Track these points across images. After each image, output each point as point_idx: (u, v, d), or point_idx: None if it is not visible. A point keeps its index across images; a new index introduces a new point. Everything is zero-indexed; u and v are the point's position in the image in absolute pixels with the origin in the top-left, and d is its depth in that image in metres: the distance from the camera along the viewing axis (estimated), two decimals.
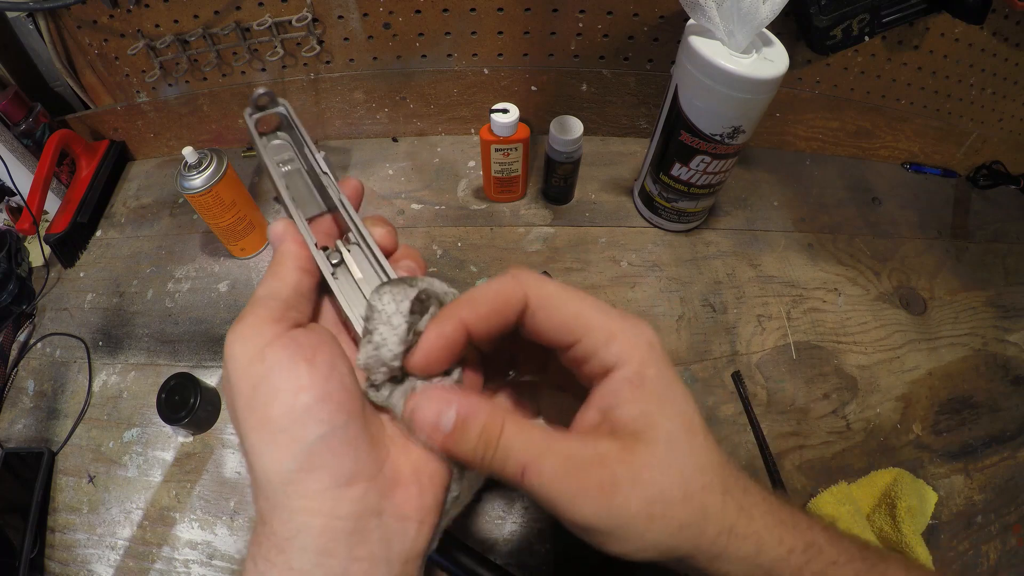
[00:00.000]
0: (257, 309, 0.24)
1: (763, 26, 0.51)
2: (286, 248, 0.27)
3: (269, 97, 0.32)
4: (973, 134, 0.82)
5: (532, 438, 0.23)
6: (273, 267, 0.27)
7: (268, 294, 0.25)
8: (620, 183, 0.77)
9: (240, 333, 0.23)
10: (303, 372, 0.22)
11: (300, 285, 0.26)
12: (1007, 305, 0.72)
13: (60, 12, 0.66)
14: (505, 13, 0.68)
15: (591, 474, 0.22)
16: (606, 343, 0.24)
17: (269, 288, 0.26)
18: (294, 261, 0.27)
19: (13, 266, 0.67)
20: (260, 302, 0.25)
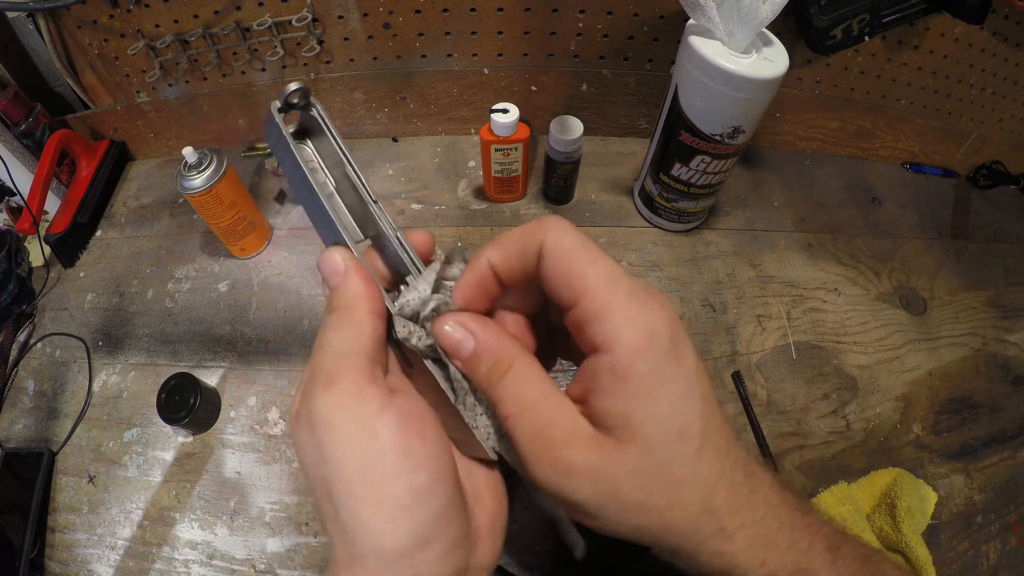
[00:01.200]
0: (349, 370, 0.22)
1: (763, 26, 0.51)
2: (355, 287, 0.24)
3: (303, 95, 0.27)
4: (973, 134, 0.82)
5: (528, 389, 0.23)
6: (344, 312, 0.24)
7: (352, 349, 0.23)
8: (620, 183, 0.77)
9: (340, 402, 0.22)
10: (418, 449, 0.22)
11: (378, 333, 0.24)
12: (1007, 305, 0.72)
13: (60, 12, 0.66)
14: (505, 13, 0.68)
15: (553, 450, 0.22)
16: (599, 316, 0.22)
17: (350, 340, 0.23)
18: (367, 304, 0.24)
19: (13, 266, 0.67)
20: (347, 360, 0.22)
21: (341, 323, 0.24)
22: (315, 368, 0.23)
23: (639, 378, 0.21)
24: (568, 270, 0.22)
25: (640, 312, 0.22)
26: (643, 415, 0.21)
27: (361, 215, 0.28)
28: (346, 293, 0.24)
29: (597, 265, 0.22)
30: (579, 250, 0.23)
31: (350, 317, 0.24)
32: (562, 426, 0.22)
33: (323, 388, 0.22)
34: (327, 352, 0.23)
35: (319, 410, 0.22)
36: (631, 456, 0.21)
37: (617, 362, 0.21)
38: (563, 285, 0.23)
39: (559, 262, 0.23)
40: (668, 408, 0.21)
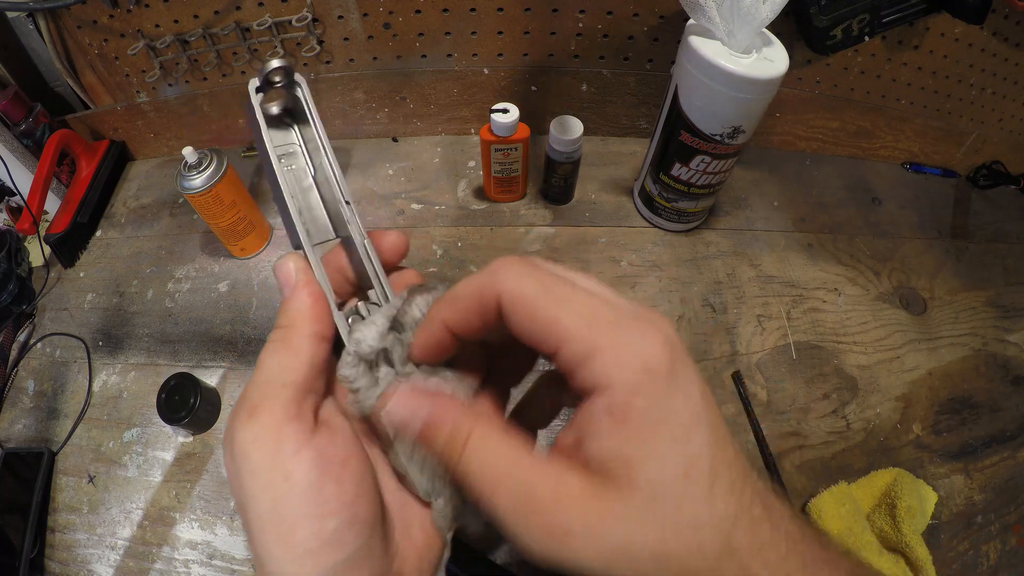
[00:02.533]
0: (272, 404, 0.21)
1: (763, 26, 0.51)
2: (300, 306, 0.23)
3: (285, 73, 0.24)
4: (973, 134, 0.82)
5: (494, 459, 0.20)
6: (285, 332, 0.23)
7: (281, 378, 0.22)
8: (620, 183, 0.77)
9: (258, 438, 0.21)
10: (331, 495, 0.21)
11: (317, 359, 0.23)
12: (1007, 305, 0.72)
13: (60, 12, 0.66)
14: (505, 13, 0.68)
15: (543, 515, 0.19)
16: (585, 360, 0.19)
17: (282, 366, 0.22)
18: (311, 326, 0.23)
19: (13, 266, 0.67)
20: (274, 391, 0.21)
21: (279, 347, 0.23)
22: (244, 394, 0.22)
23: (638, 417, 0.19)
24: (536, 321, 0.20)
25: (631, 344, 0.19)
26: (646, 454, 0.19)
27: (336, 211, 0.27)
28: (290, 312, 0.23)
29: (568, 306, 0.20)
30: (542, 296, 0.20)
31: (289, 340, 0.23)
32: (547, 486, 0.19)
33: (245, 418, 0.21)
34: (257, 378, 0.22)
35: (238, 441, 0.21)
36: (636, 503, 0.19)
37: (614, 403, 0.19)
38: (537, 337, 0.21)
39: (524, 315, 0.21)
40: (671, 445, 0.19)
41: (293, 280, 0.24)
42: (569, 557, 0.19)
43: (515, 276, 0.21)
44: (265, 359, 0.23)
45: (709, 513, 0.19)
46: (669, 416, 0.19)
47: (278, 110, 0.26)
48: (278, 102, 0.26)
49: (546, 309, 0.20)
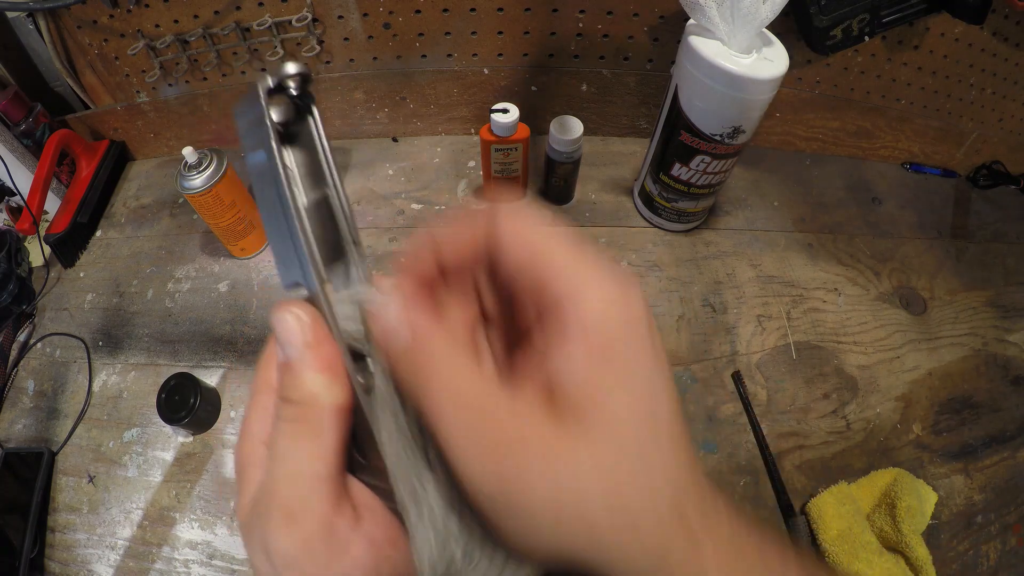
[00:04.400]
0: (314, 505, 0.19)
1: (763, 26, 0.51)
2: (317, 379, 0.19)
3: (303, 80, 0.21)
4: (973, 134, 0.82)
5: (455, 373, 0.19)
6: (302, 411, 0.19)
7: (315, 472, 0.19)
8: (620, 183, 0.77)
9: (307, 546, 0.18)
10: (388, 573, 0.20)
11: (345, 438, 0.20)
12: (1007, 305, 0.72)
13: (60, 12, 0.66)
14: (505, 13, 0.68)
15: (497, 431, 0.17)
16: (574, 293, 0.18)
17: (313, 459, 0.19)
18: (333, 400, 0.19)
19: (13, 266, 0.67)
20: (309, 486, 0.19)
21: (299, 431, 0.19)
22: (272, 491, 0.19)
23: (613, 350, 0.18)
24: (529, 249, 0.20)
25: (613, 293, 0.19)
26: (617, 385, 0.18)
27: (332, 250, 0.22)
28: (304, 386, 0.19)
29: (562, 243, 0.20)
30: (539, 227, 0.20)
31: (310, 422, 0.19)
32: (515, 425, 0.18)
33: (284, 524, 0.18)
34: (284, 472, 0.19)
35: (281, 551, 0.18)
36: (598, 444, 0.17)
37: (594, 337, 0.18)
38: (524, 268, 0.20)
39: (519, 240, 0.20)
40: (641, 384, 0.18)
41: (299, 340, 0.20)
42: (516, 499, 0.17)
43: (514, 208, 0.20)
44: (285, 446, 0.20)
45: (666, 470, 0.18)
46: (644, 362, 0.18)
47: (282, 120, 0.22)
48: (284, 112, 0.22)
49: (542, 240, 0.20)
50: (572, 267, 0.19)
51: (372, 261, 0.69)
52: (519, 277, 0.20)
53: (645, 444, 0.18)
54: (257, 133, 0.20)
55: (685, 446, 0.19)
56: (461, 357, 0.19)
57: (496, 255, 0.20)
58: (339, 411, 0.20)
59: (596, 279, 0.19)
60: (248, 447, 0.22)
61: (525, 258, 0.20)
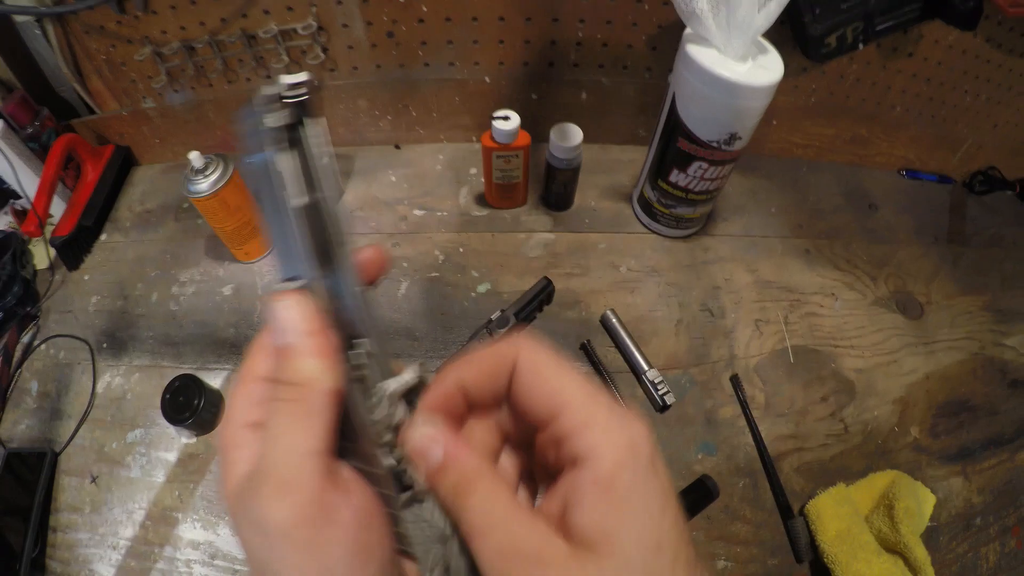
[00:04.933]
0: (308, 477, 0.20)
1: (758, 34, 0.52)
2: (315, 363, 0.22)
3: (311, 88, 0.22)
4: (968, 140, 0.83)
5: (496, 506, 0.22)
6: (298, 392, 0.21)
7: (309, 447, 0.21)
8: (619, 190, 0.78)
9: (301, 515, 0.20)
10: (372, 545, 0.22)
11: (336, 418, 0.22)
12: (1003, 309, 0.73)
13: (68, 17, 0.67)
14: (506, 23, 0.69)
15: (524, 568, 0.20)
16: (581, 429, 0.21)
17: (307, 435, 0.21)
18: (326, 385, 0.22)
19: (18, 268, 0.68)
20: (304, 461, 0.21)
21: (295, 410, 0.21)
22: (266, 466, 0.21)
23: (622, 490, 0.21)
24: (546, 384, 0.22)
25: (621, 425, 0.22)
26: (625, 527, 0.20)
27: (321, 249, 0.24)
28: (302, 370, 0.21)
29: (575, 381, 0.22)
30: (555, 366, 0.23)
31: (307, 404, 0.21)
32: (534, 544, 0.21)
33: (278, 495, 0.20)
34: (280, 448, 0.21)
35: (276, 520, 0.20)
36: (610, 571, 0.20)
37: (601, 473, 0.21)
38: (540, 400, 0.23)
39: (536, 377, 0.23)
40: (649, 520, 0.21)
41: (299, 327, 0.22)
42: None
43: (532, 346, 0.23)
44: (281, 424, 0.21)
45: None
46: (648, 494, 0.21)
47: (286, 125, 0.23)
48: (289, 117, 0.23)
49: (556, 377, 0.22)
50: (583, 406, 0.22)
51: None
52: (534, 410, 0.23)
53: (652, 570, 0.20)
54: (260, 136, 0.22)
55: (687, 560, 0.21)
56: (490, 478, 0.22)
57: (514, 387, 0.23)
58: (333, 394, 0.22)
59: (604, 420, 0.22)
60: (232, 430, 0.23)
61: (542, 391, 0.23)
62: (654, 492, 0.21)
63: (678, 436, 0.59)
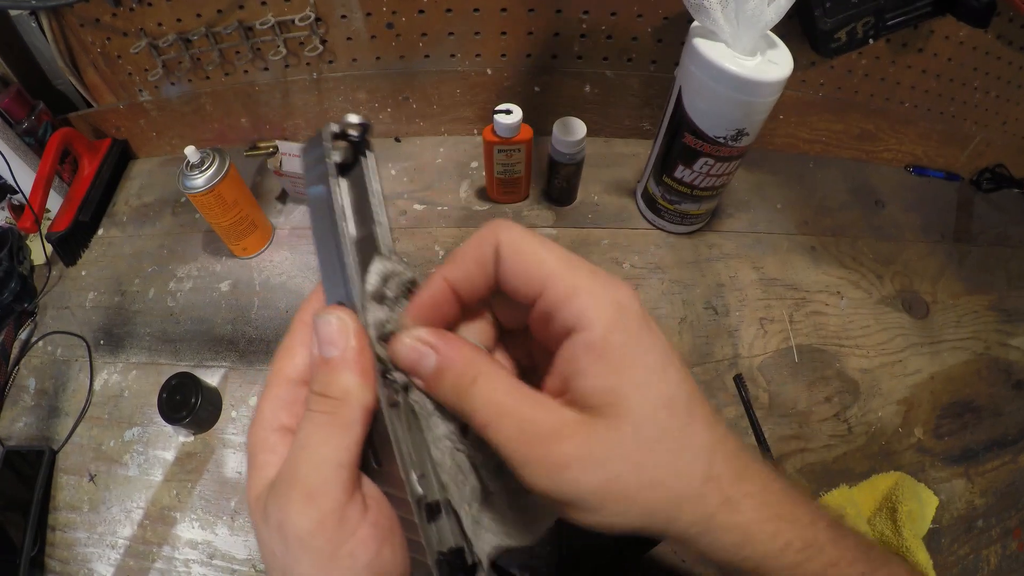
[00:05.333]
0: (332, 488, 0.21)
1: (767, 28, 0.50)
2: (354, 380, 0.22)
3: (363, 130, 0.24)
4: (977, 137, 0.81)
5: (500, 394, 0.22)
6: (335, 406, 0.22)
7: (337, 459, 0.21)
8: (623, 185, 0.77)
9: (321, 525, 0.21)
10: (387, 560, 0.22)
11: (364, 435, 0.22)
12: (1010, 309, 0.72)
13: (63, 10, 0.66)
14: (508, 14, 0.68)
15: (543, 446, 0.21)
16: (567, 299, 0.21)
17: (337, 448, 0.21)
18: (363, 401, 0.22)
19: (15, 264, 0.67)
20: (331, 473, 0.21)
21: (330, 423, 0.22)
22: (294, 474, 0.21)
23: (618, 350, 0.21)
24: (528, 261, 0.22)
25: (606, 288, 0.22)
26: (629, 386, 0.21)
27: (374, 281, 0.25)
28: (341, 384, 0.22)
29: (555, 252, 0.22)
30: (535, 242, 0.23)
31: (341, 418, 0.22)
32: (546, 421, 0.21)
33: (302, 503, 0.21)
34: (309, 458, 0.21)
35: (296, 527, 0.21)
36: (626, 433, 0.20)
37: (593, 338, 0.21)
38: (526, 278, 0.22)
39: (518, 256, 0.23)
40: (652, 376, 0.21)
41: (341, 345, 0.22)
42: (567, 489, 0.20)
43: (509, 226, 0.23)
44: (314, 435, 0.22)
45: (691, 441, 0.21)
46: (645, 352, 0.21)
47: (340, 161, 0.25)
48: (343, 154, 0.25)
49: (536, 253, 0.22)
50: (566, 275, 0.22)
51: None
52: (521, 289, 0.23)
53: (668, 430, 0.21)
54: (318, 170, 0.24)
55: (708, 420, 0.22)
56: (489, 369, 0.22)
57: (500, 272, 0.23)
58: (367, 411, 0.22)
59: (588, 285, 0.22)
60: (262, 433, 0.24)
61: (526, 268, 0.22)
62: (652, 349, 0.21)
63: None
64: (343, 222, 0.23)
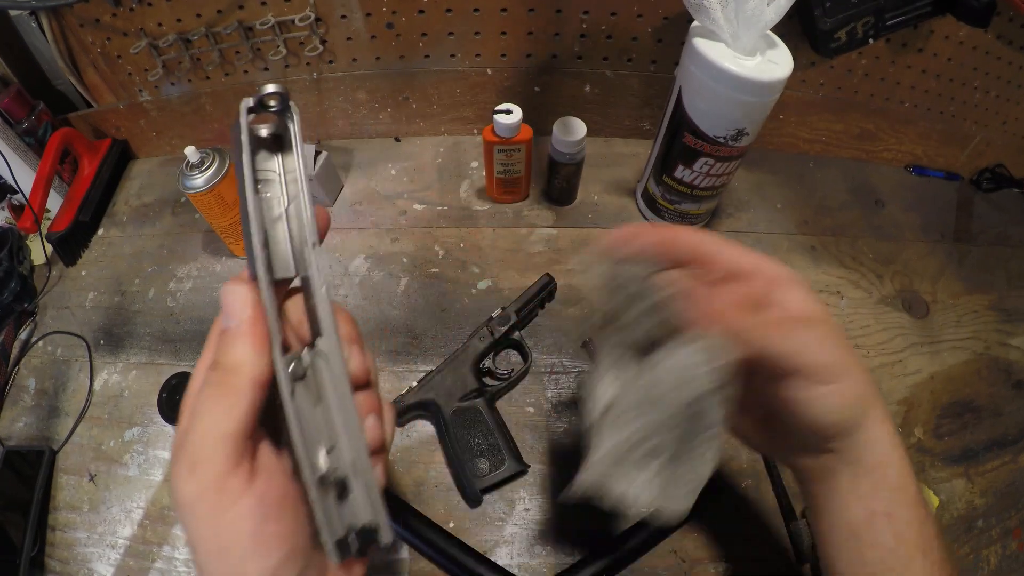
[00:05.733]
0: (214, 457, 0.22)
1: (767, 28, 0.50)
2: (245, 349, 0.23)
3: (281, 99, 0.25)
4: (977, 137, 0.81)
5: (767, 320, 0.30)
6: (225, 376, 0.22)
7: (222, 430, 0.22)
8: (623, 184, 0.77)
9: (201, 492, 0.22)
10: (273, 532, 0.23)
11: (257, 405, 0.23)
12: (1010, 309, 0.72)
13: (63, 11, 0.66)
14: (508, 14, 0.68)
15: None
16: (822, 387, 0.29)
17: (224, 418, 0.22)
18: (253, 372, 0.23)
19: (15, 264, 0.67)
20: (214, 442, 0.22)
21: (219, 393, 0.22)
22: (182, 444, 0.22)
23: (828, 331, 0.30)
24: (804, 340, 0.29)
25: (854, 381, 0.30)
26: (848, 358, 0.30)
27: (301, 250, 0.26)
28: (235, 353, 0.23)
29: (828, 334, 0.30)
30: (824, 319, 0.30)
31: (230, 386, 0.22)
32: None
33: (186, 473, 0.22)
34: (196, 427, 0.22)
35: (182, 493, 0.22)
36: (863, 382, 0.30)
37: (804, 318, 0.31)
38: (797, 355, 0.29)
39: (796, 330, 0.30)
40: (854, 356, 0.30)
41: (240, 313, 0.23)
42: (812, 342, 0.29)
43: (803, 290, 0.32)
44: (204, 405, 0.22)
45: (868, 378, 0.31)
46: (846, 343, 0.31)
47: (267, 133, 0.26)
48: (268, 125, 0.26)
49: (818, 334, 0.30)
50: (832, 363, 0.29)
51: (374, 261, 0.69)
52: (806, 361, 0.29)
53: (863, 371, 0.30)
54: (237, 146, 0.24)
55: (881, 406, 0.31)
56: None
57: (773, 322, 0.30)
58: (258, 382, 0.23)
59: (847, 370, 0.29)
60: (188, 399, 0.25)
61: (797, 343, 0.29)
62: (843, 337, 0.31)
63: None
64: (251, 196, 0.24)
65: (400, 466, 0.56)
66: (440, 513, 0.54)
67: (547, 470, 0.56)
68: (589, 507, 0.54)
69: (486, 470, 0.53)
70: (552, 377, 0.62)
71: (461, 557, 0.49)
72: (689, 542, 0.53)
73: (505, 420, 0.57)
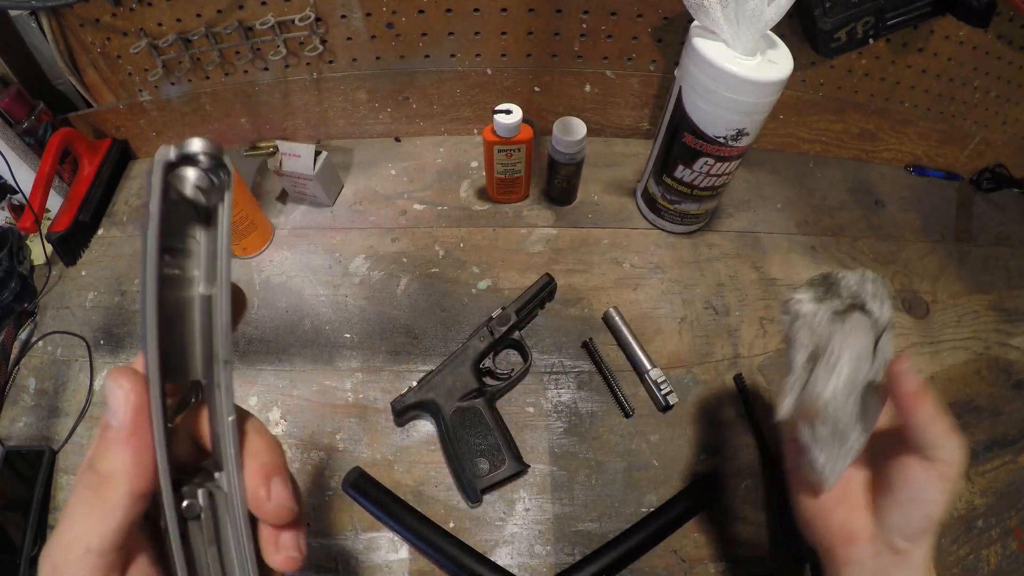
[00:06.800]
0: (78, 572, 0.20)
1: (767, 28, 0.50)
2: (124, 460, 0.20)
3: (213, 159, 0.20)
4: (977, 137, 0.81)
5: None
6: (100, 482, 0.20)
7: (89, 541, 0.20)
8: (623, 184, 0.77)
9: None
10: None
11: (132, 518, 0.20)
12: (1010, 309, 0.72)
13: (63, 11, 0.66)
14: (509, 14, 0.68)
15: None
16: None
17: (91, 527, 0.20)
18: (130, 484, 0.20)
19: (15, 264, 0.67)
20: (79, 555, 0.20)
21: (90, 500, 0.20)
22: (48, 547, 0.20)
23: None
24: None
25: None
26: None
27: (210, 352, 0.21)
28: (111, 461, 0.20)
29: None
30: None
31: (103, 496, 0.20)
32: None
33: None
34: (63, 534, 0.20)
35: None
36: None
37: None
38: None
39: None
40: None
41: (121, 414, 0.20)
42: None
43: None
44: (75, 511, 0.20)
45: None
46: None
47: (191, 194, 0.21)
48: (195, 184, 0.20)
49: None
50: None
51: (374, 261, 0.69)
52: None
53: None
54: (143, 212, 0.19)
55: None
56: None
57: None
58: (136, 496, 0.20)
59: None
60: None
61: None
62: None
63: (680, 436, 0.59)
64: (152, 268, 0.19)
65: (400, 466, 0.56)
66: (440, 513, 0.54)
67: (547, 470, 0.56)
68: (589, 507, 0.54)
69: (486, 470, 0.53)
70: (552, 377, 0.62)
71: (461, 557, 0.49)
72: (689, 542, 0.53)
73: (505, 420, 0.57)
